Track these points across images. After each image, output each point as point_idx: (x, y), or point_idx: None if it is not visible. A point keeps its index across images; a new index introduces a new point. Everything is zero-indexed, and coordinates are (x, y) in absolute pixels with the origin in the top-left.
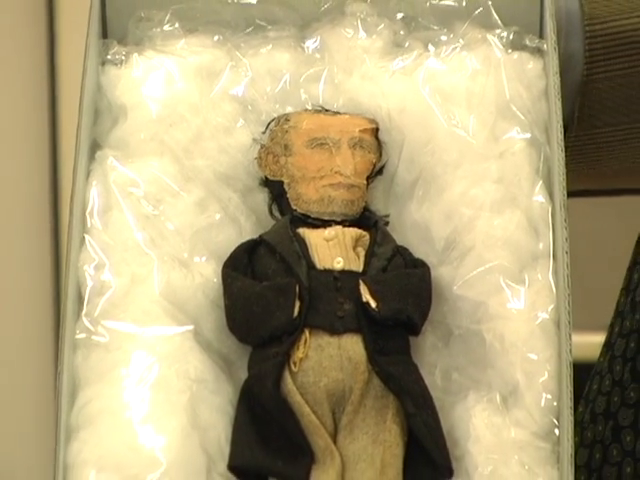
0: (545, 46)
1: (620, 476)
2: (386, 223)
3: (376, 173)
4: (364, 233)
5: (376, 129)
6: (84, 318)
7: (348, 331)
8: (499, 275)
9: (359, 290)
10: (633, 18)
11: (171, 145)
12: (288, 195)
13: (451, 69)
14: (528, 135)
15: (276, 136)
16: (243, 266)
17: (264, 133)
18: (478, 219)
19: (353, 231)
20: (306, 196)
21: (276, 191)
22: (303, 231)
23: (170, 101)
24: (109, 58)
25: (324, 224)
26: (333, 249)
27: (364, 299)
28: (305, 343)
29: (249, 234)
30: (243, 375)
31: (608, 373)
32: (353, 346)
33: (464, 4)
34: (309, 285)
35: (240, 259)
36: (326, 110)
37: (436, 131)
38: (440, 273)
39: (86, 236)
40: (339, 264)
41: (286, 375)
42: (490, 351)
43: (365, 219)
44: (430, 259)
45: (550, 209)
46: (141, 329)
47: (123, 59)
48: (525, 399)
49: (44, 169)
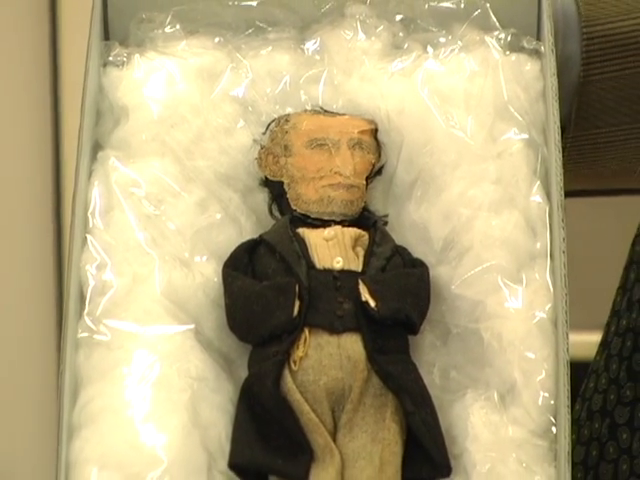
0: (542, 48)
1: (616, 473)
2: (385, 223)
3: (375, 173)
4: (363, 233)
5: (375, 130)
6: (86, 317)
7: (347, 330)
8: (497, 274)
9: (358, 289)
10: (629, 20)
11: (172, 146)
12: (288, 195)
13: (449, 70)
14: (526, 136)
15: (276, 137)
16: (243, 266)
17: (264, 134)
18: (476, 219)
19: (352, 231)
20: (306, 196)
21: (276, 191)
22: (303, 231)
23: (171, 102)
24: (111, 59)
25: (324, 224)
26: (332, 249)
27: (363, 298)
28: (305, 342)
29: (249, 234)
30: (243, 374)
31: (604, 371)
32: (352, 345)
33: (462, 6)
34: (309, 284)
35: (240, 259)
36: (325, 111)
37: (435, 132)
38: (438, 273)
39: (88, 236)
40: (338, 264)
41: (286, 374)
42: (488, 350)
43: (364, 219)
44: (428, 259)
45: (547, 209)
46: (142, 328)
47: (125, 60)
48: (523, 397)
49: (47, 170)
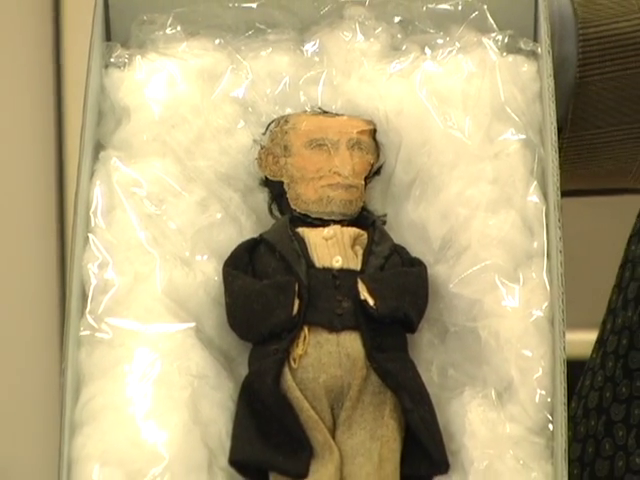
0: (539, 49)
1: (612, 470)
2: (384, 223)
3: (374, 174)
4: (362, 232)
5: (374, 130)
6: (88, 315)
7: (346, 328)
8: (494, 273)
9: (357, 288)
10: (623, 22)
11: (173, 146)
12: (288, 195)
13: (447, 72)
14: (523, 136)
15: (276, 137)
16: (244, 264)
17: (264, 134)
18: (474, 219)
19: (351, 230)
20: (305, 196)
21: (276, 191)
22: (302, 230)
23: (172, 103)
24: (112, 61)
25: (323, 224)
26: (332, 248)
27: (362, 297)
28: (304, 340)
29: (249, 233)
30: (244, 371)
31: (600, 369)
32: (351, 343)
33: (460, 8)
34: (308, 283)
35: (241, 258)
36: (325, 112)
37: (433, 133)
38: (436, 271)
39: (90, 235)
40: (338, 263)
41: (286, 371)
42: (485, 348)
43: (363, 219)
44: (427, 258)
45: (544, 209)
46: (144, 326)
47: (126, 62)
48: (520, 395)
49: (50, 169)
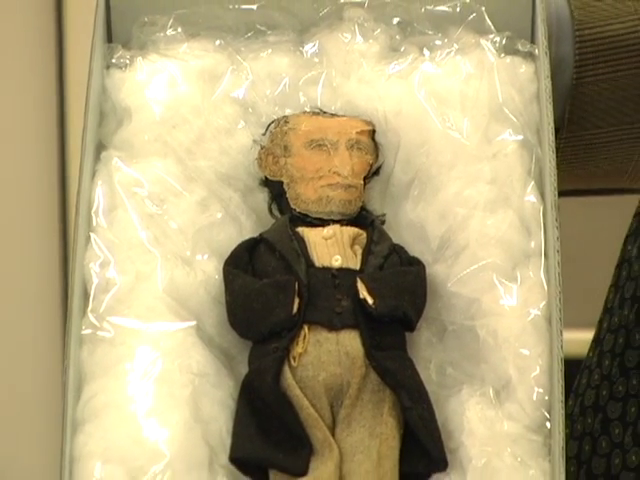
0: (536, 51)
1: (609, 467)
2: (382, 222)
3: (373, 174)
4: (361, 232)
5: (373, 131)
6: (90, 314)
7: (346, 327)
8: (492, 273)
9: (356, 287)
10: (618, 24)
11: (174, 146)
12: (287, 195)
13: (446, 73)
14: (520, 137)
15: (276, 137)
16: (244, 264)
17: (264, 135)
18: (472, 218)
19: (351, 230)
20: (305, 196)
21: (276, 191)
22: (302, 230)
23: (173, 103)
24: (114, 62)
25: (323, 223)
26: (331, 247)
27: (361, 296)
28: (304, 339)
29: (249, 233)
30: (244, 370)
31: (597, 367)
32: (351, 341)
33: (458, 10)
34: (308, 282)
35: (241, 257)
36: (324, 112)
37: (431, 133)
38: (435, 271)
39: (92, 234)
40: (337, 262)
41: (285, 370)
42: (483, 346)
43: (362, 218)
44: (425, 257)
45: (542, 209)
46: (145, 325)
47: (127, 63)
48: (517, 393)
49: (52, 169)
